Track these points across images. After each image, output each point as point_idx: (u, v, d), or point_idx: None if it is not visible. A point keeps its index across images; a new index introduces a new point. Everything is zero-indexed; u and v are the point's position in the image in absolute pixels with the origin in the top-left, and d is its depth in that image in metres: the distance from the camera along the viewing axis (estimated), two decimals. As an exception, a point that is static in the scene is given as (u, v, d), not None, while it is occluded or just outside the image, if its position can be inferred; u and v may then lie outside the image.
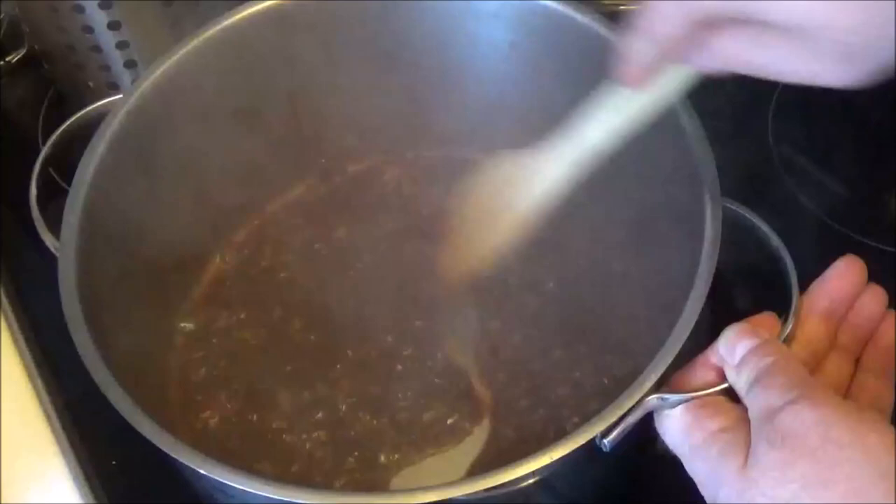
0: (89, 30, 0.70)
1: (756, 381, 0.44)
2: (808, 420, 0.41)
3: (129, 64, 0.72)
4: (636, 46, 0.45)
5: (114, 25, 0.70)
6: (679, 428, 0.46)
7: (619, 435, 0.46)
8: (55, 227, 0.55)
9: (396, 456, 0.59)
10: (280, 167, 0.70)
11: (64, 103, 0.77)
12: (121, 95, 0.60)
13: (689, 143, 0.54)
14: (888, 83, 0.41)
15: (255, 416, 0.61)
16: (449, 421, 0.60)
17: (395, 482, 0.58)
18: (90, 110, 0.60)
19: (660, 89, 0.49)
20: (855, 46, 0.39)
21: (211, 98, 0.63)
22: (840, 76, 0.41)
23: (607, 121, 0.51)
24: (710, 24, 0.43)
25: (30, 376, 0.65)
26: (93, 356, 0.49)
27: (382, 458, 0.59)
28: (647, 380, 0.46)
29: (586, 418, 0.46)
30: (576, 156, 0.52)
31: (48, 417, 0.64)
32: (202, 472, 0.46)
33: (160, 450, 0.47)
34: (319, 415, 0.61)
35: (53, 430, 0.63)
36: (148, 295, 0.61)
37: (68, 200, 0.55)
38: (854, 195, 0.70)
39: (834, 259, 0.52)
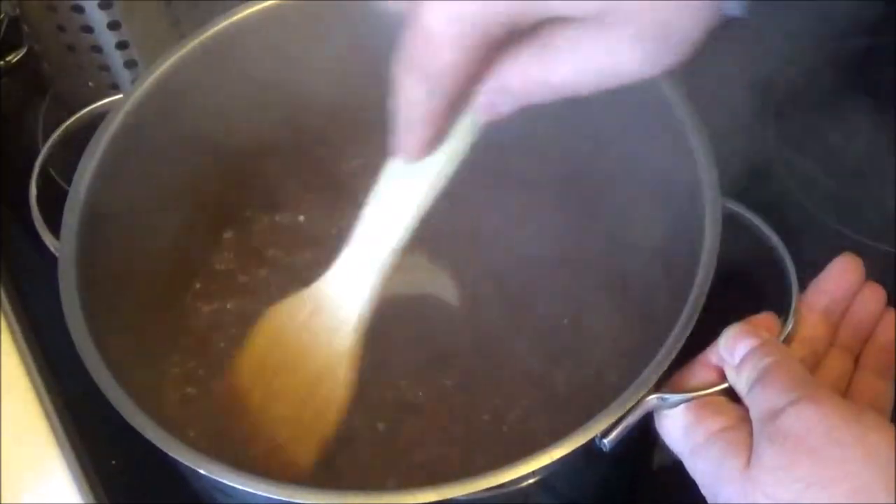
0: (89, 30, 0.70)
1: (757, 382, 0.44)
2: (810, 420, 0.41)
3: (129, 64, 0.72)
4: (409, 95, 0.36)
5: (114, 25, 0.70)
6: (679, 428, 0.46)
7: (618, 435, 0.46)
8: (55, 227, 0.55)
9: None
10: (281, 167, 0.70)
11: (64, 103, 0.77)
12: (121, 95, 0.60)
13: (690, 142, 0.54)
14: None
15: (254, 417, 0.61)
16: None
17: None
18: (90, 110, 0.60)
19: (451, 147, 0.40)
20: (655, 37, 0.35)
21: (211, 97, 0.63)
22: (647, 64, 0.36)
23: (401, 207, 0.44)
24: (490, 47, 0.35)
25: (30, 376, 0.65)
26: (93, 356, 0.49)
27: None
28: (646, 380, 0.46)
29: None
30: (376, 265, 0.47)
31: (48, 417, 0.63)
32: (202, 472, 0.46)
33: (160, 450, 0.47)
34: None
35: (53, 430, 0.63)
36: (148, 295, 0.61)
37: (68, 200, 0.55)
38: (854, 195, 0.70)
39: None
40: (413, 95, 0.36)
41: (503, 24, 0.34)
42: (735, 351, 0.46)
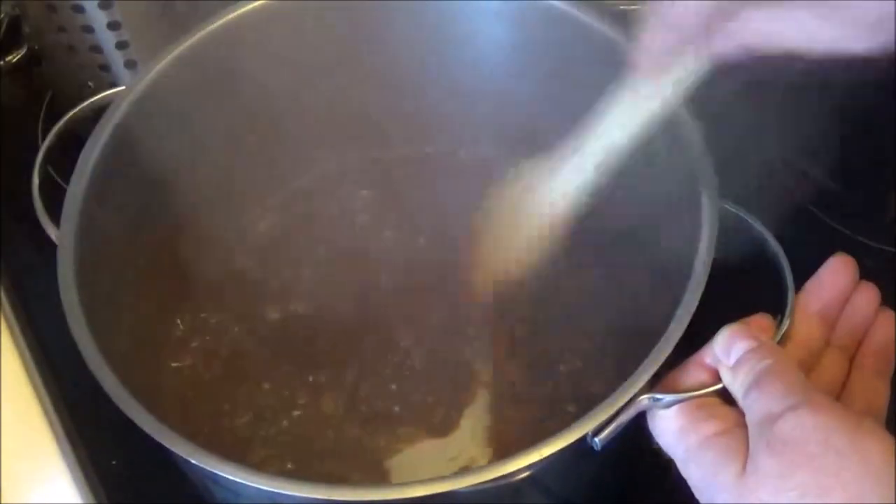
0: (89, 30, 0.70)
1: (754, 385, 0.44)
2: (808, 427, 0.41)
3: (129, 64, 0.72)
4: (653, 34, 0.44)
5: (114, 25, 0.70)
6: (673, 430, 0.46)
7: (610, 434, 0.46)
8: (55, 224, 0.55)
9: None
10: (281, 162, 0.70)
11: (64, 103, 0.77)
12: (122, 88, 0.60)
13: (687, 143, 0.54)
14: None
15: (252, 412, 0.62)
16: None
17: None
18: (91, 102, 0.60)
19: (672, 84, 0.47)
20: (881, 12, 0.38)
21: (212, 91, 0.64)
22: (867, 42, 0.39)
23: (622, 121, 0.50)
24: (730, 7, 0.42)
25: (30, 376, 0.65)
26: (91, 350, 0.49)
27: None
28: (638, 379, 0.46)
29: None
30: (596, 160, 0.52)
31: (48, 417, 0.64)
32: (202, 466, 0.46)
33: (160, 449, 0.47)
34: (320, 408, 0.62)
35: (53, 430, 0.63)
36: (147, 288, 0.61)
37: (69, 190, 0.56)
38: (854, 195, 0.70)
39: (833, 259, 0.52)
40: (658, 36, 0.43)
41: None
42: (731, 352, 0.46)
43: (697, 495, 0.44)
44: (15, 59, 0.80)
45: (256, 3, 0.63)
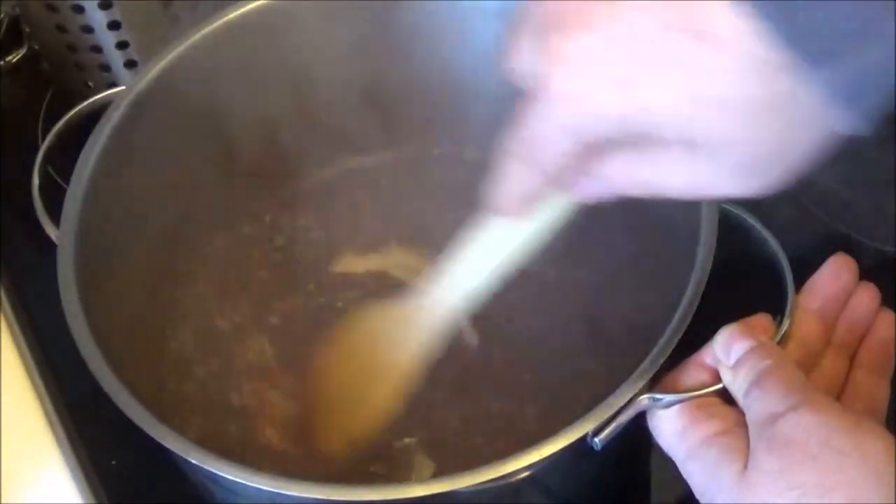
0: (89, 30, 0.70)
1: (754, 385, 0.44)
2: (809, 426, 0.41)
3: (129, 64, 0.72)
4: (516, 175, 0.40)
5: (114, 25, 0.70)
6: (673, 430, 0.46)
7: (610, 434, 0.46)
8: (55, 224, 0.55)
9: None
10: (281, 161, 0.70)
11: (64, 103, 0.77)
12: (122, 88, 0.60)
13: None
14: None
15: (251, 409, 0.62)
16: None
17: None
18: (92, 102, 0.60)
19: (542, 218, 0.46)
20: (755, 160, 0.36)
21: (212, 91, 0.64)
22: (741, 187, 0.37)
23: (487, 255, 0.49)
24: (597, 148, 0.38)
25: (30, 376, 0.65)
26: (90, 348, 0.49)
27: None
28: (638, 379, 0.46)
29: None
30: (454, 299, 0.51)
31: (48, 417, 0.64)
32: (201, 465, 0.46)
33: (160, 449, 0.47)
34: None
35: (53, 430, 0.63)
36: (147, 288, 0.61)
37: (69, 190, 0.56)
38: (854, 195, 0.70)
39: (834, 260, 0.52)
40: (521, 177, 0.40)
41: (607, 138, 0.37)
42: (731, 352, 0.46)
43: (698, 495, 0.44)
44: (15, 59, 0.80)
45: (256, 4, 0.63)
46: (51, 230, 0.55)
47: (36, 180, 0.57)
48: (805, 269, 0.51)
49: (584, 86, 0.35)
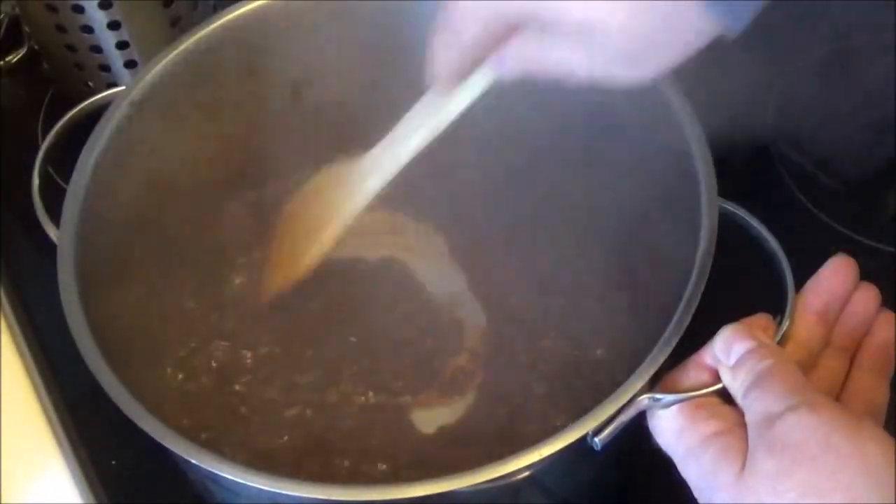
0: (89, 30, 0.70)
1: (754, 385, 0.44)
2: (808, 427, 0.41)
3: (129, 64, 0.72)
4: (442, 46, 0.47)
5: (114, 25, 0.70)
6: (672, 429, 0.46)
7: (610, 434, 0.46)
8: (55, 224, 0.55)
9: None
10: (281, 160, 0.70)
11: (64, 103, 0.77)
12: (122, 88, 0.60)
13: (687, 142, 0.54)
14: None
15: (252, 408, 0.62)
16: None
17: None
18: (92, 102, 0.60)
19: (468, 91, 0.51)
20: (636, 49, 0.41)
21: (212, 91, 0.64)
22: (628, 75, 0.43)
23: (423, 126, 0.54)
24: (507, 28, 0.45)
25: (30, 376, 0.65)
26: (90, 347, 0.49)
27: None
28: (638, 379, 0.46)
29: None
30: (397, 161, 0.56)
31: (48, 417, 0.64)
32: (200, 465, 0.46)
33: (160, 449, 0.47)
34: (320, 400, 0.62)
35: (53, 430, 0.63)
36: (147, 288, 0.61)
37: (69, 190, 0.56)
38: (853, 195, 0.70)
39: (834, 259, 0.52)
40: (446, 49, 0.47)
41: (511, 19, 0.44)
42: (731, 352, 0.46)
43: (697, 495, 0.44)
44: (15, 59, 0.80)
45: (256, 4, 0.63)
46: (51, 230, 0.55)
47: (36, 180, 0.57)
48: (805, 269, 0.51)
49: None
